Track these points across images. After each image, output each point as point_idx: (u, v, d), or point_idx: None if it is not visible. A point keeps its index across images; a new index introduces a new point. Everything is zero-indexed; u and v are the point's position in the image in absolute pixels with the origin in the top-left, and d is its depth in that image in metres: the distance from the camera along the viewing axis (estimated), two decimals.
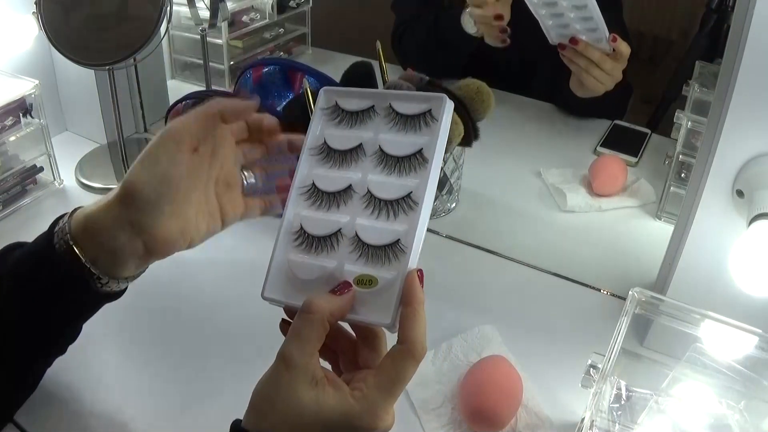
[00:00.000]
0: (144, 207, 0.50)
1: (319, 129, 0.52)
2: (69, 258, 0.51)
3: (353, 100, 0.52)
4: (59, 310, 0.54)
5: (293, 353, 0.43)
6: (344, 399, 0.43)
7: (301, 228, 0.49)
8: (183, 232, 0.52)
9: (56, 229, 0.53)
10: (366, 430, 0.43)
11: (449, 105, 0.49)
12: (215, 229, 0.56)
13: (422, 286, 0.44)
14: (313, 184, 0.50)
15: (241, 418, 0.44)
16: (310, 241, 0.49)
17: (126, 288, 0.56)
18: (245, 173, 0.58)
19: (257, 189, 0.58)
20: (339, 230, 0.48)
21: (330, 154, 0.51)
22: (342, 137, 0.51)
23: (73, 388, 0.66)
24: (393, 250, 0.46)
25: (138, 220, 0.50)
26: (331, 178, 0.50)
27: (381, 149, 0.49)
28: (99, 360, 0.69)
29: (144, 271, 0.56)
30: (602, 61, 0.98)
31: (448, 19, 1.12)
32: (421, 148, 0.48)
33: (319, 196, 0.50)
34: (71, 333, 0.58)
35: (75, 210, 0.53)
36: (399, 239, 0.46)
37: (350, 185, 0.49)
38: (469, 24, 1.09)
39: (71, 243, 0.51)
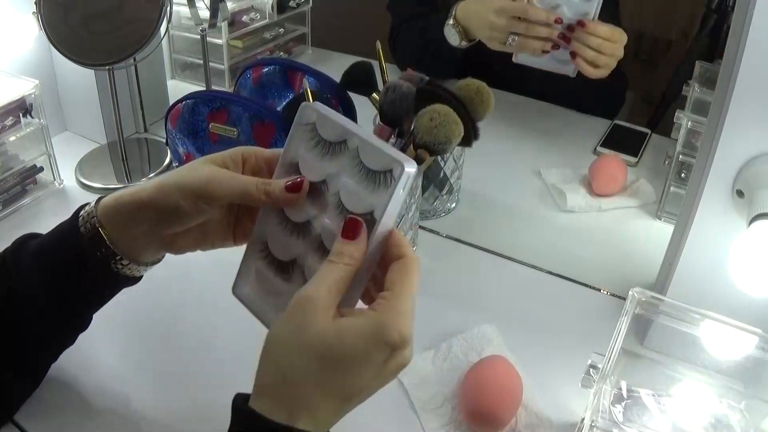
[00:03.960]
0: (162, 212, 0.52)
1: (295, 146, 0.51)
2: (94, 239, 0.54)
3: (329, 129, 0.49)
4: (80, 291, 0.57)
5: (309, 289, 0.43)
6: (367, 315, 0.43)
7: (267, 247, 0.52)
8: (196, 241, 0.56)
9: (82, 213, 0.56)
10: (396, 338, 0.42)
11: (410, 173, 0.45)
12: (228, 244, 0.58)
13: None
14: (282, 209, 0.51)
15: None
16: (272, 258, 0.52)
17: (143, 274, 0.59)
18: None
19: None
20: (295, 260, 0.50)
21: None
22: (312, 167, 0.49)
23: (73, 388, 0.66)
24: None
25: (156, 218, 0.53)
26: (296, 209, 0.50)
27: (339, 197, 0.48)
28: (99, 359, 0.69)
29: (162, 258, 0.59)
30: (610, 36, 0.94)
31: (435, 29, 1.11)
32: (373, 210, 0.46)
33: (285, 219, 0.51)
34: (83, 320, 0.60)
35: (100, 198, 0.56)
36: None
37: (309, 221, 0.50)
38: (452, 36, 1.07)
39: (97, 226, 0.54)
